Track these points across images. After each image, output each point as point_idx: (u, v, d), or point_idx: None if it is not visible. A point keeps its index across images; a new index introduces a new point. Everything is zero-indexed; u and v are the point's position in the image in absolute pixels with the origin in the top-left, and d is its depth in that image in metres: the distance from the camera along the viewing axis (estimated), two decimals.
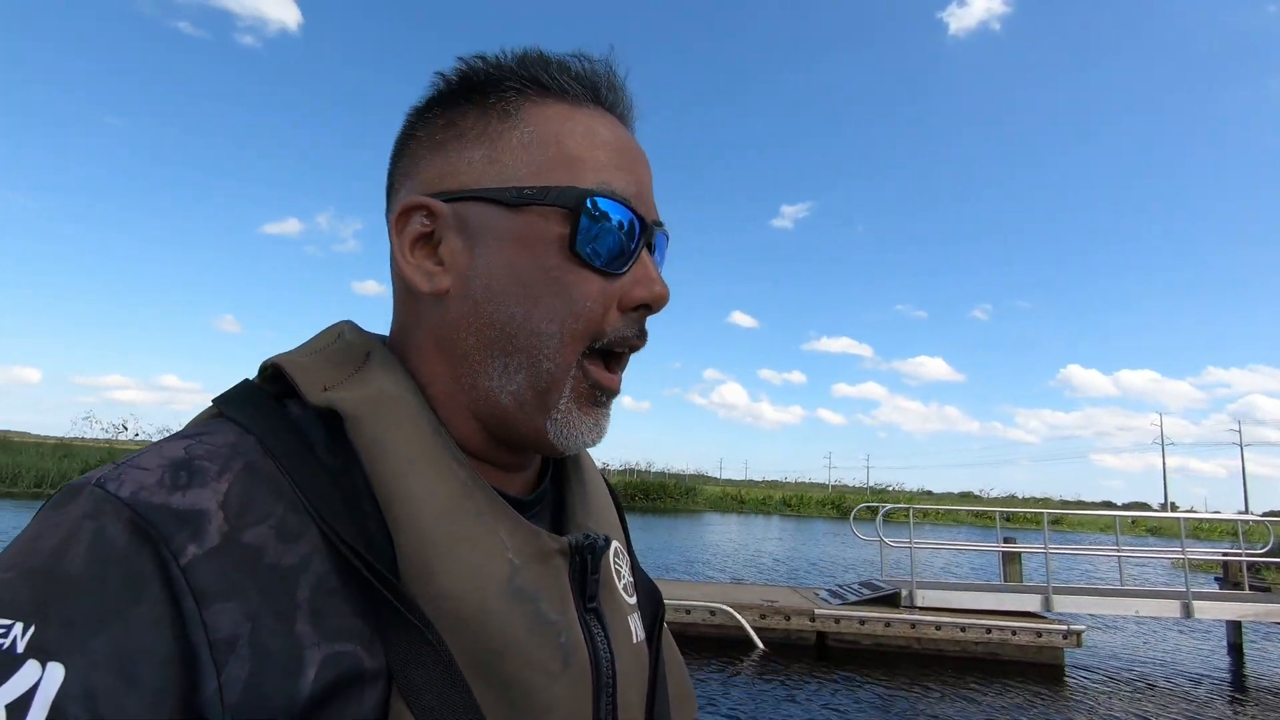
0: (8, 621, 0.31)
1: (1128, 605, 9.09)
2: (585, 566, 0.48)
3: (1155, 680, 8.82)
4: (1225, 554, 12.48)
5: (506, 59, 0.49)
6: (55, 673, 0.30)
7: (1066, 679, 8.27)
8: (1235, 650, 10.33)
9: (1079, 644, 8.56)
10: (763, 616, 8.76)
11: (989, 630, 8.49)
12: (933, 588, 9.40)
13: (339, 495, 0.41)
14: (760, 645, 8.41)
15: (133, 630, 0.32)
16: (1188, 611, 8.95)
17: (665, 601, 0.62)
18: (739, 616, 8.62)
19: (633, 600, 0.54)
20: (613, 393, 0.49)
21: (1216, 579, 13.19)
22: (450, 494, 0.43)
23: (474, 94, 0.49)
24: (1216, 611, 9.51)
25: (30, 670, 0.30)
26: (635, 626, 0.52)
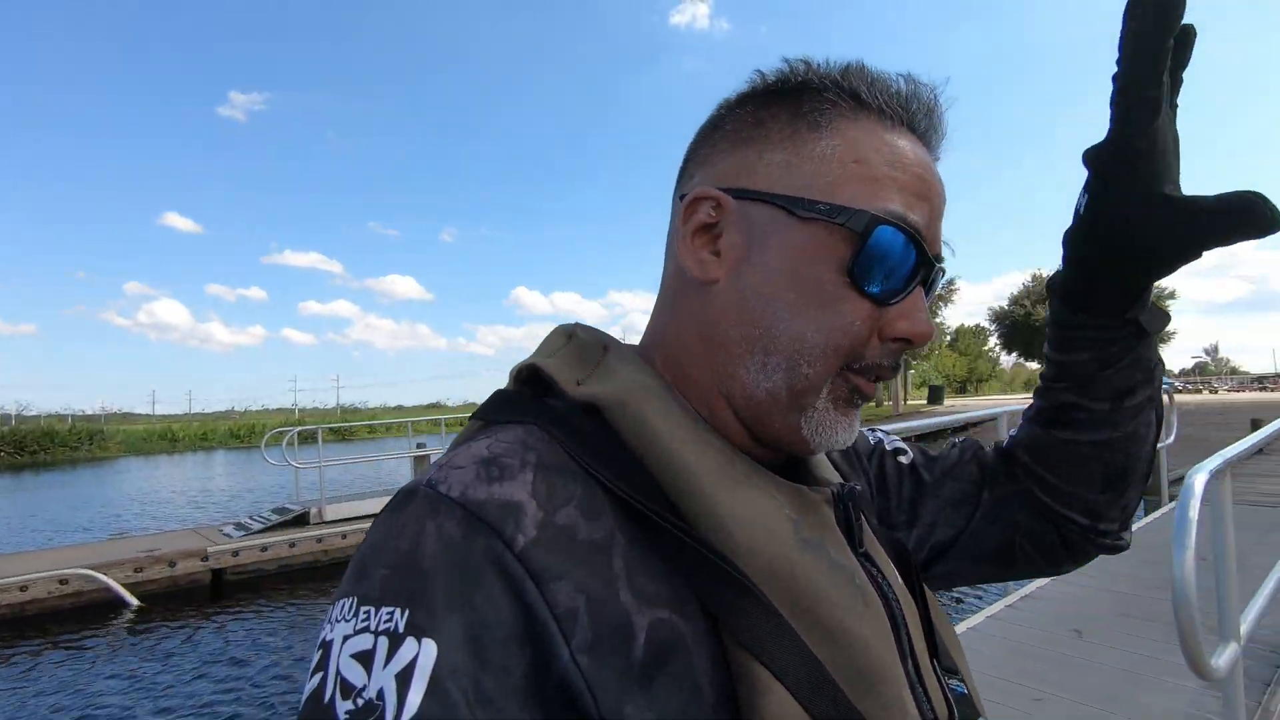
0: (391, 608, 0.36)
1: None
2: (849, 514, 0.51)
3: None
4: None
5: (830, 68, 0.49)
6: (429, 648, 0.35)
7: None
8: None
9: None
10: (138, 570, 7.72)
11: None
12: (341, 501, 9.83)
13: (627, 474, 0.44)
14: (134, 603, 7.41)
15: (479, 612, 0.36)
16: None
17: None
18: (102, 577, 7.39)
19: (885, 535, 0.58)
20: (867, 397, 0.50)
21: None
22: (718, 462, 0.46)
23: (789, 97, 0.49)
24: None
25: (410, 646, 0.35)
26: (893, 573, 0.54)
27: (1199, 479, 1.91)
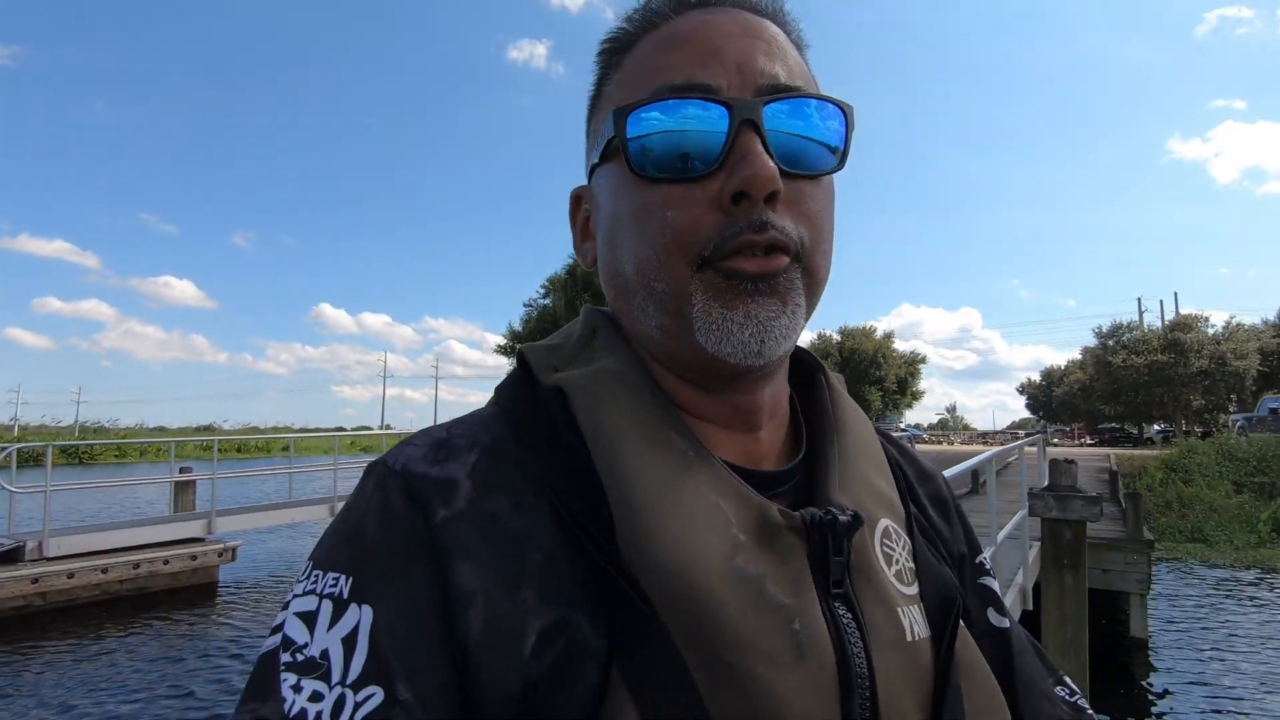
0: (336, 575, 0.39)
1: (286, 515, 10.29)
2: (830, 547, 0.42)
3: (301, 571, 10.29)
4: (364, 461, 15.61)
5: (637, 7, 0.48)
6: (368, 613, 0.37)
7: (219, 596, 8.74)
8: None
9: (233, 558, 9.18)
10: None
11: (136, 566, 8.10)
12: (73, 533, 8.31)
13: (571, 470, 0.42)
14: None
15: (412, 581, 0.38)
16: (333, 512, 10.73)
17: None
18: None
19: (910, 590, 0.45)
20: (754, 276, 0.41)
21: None
22: (668, 466, 0.42)
23: (607, 57, 0.49)
24: None
25: (353, 611, 0.37)
26: (911, 621, 0.43)
27: None
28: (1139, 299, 48.54)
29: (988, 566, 0.57)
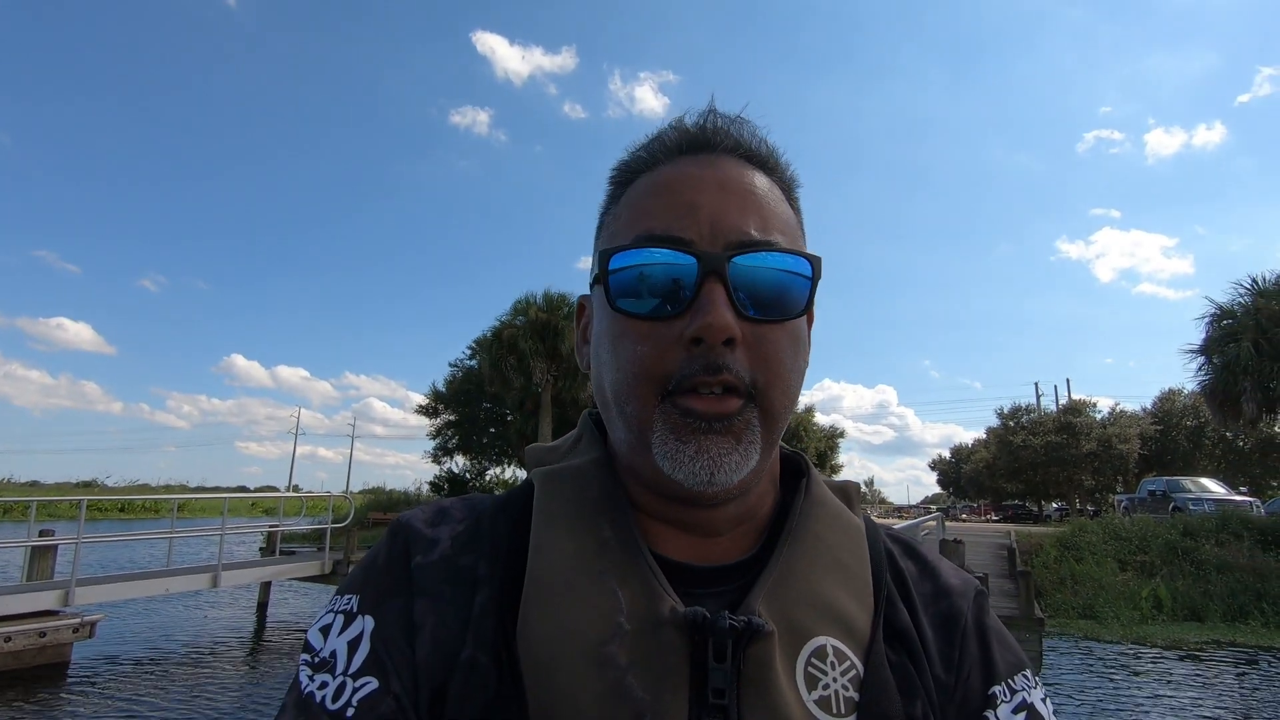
0: (350, 595, 0.49)
1: (160, 585, 9.35)
2: (714, 649, 0.43)
3: (174, 651, 9.30)
4: (258, 527, 14.61)
5: (645, 141, 0.55)
6: (370, 622, 0.47)
7: (70, 676, 7.77)
8: (261, 608, 12.11)
9: (91, 634, 8.22)
10: None
11: None
12: None
13: (514, 546, 0.49)
14: None
15: (399, 604, 0.47)
16: (216, 582, 9.90)
17: None
18: None
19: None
20: (708, 416, 0.45)
21: (261, 549, 15.34)
22: (581, 550, 0.47)
23: (614, 187, 0.55)
24: (243, 578, 10.93)
25: (359, 621, 0.47)
26: None
27: None
28: (1036, 384, 52.32)
29: (1009, 698, 0.49)
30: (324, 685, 0.44)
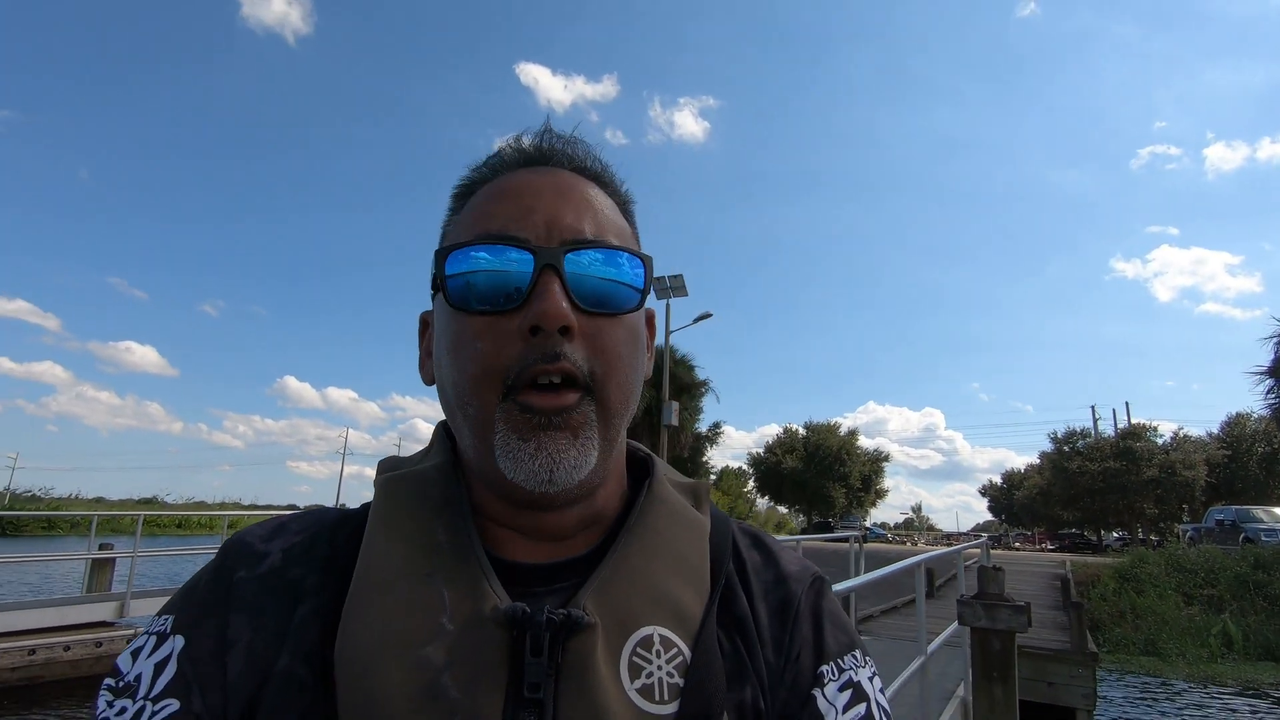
0: (166, 616, 0.49)
1: None
2: (531, 645, 0.43)
3: None
4: None
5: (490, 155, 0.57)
6: (180, 641, 0.47)
7: None
8: None
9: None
10: None
11: (32, 652, 7.47)
12: None
13: (346, 553, 0.50)
14: None
15: (215, 622, 0.47)
16: None
17: None
18: None
19: (660, 709, 0.43)
20: (546, 411, 0.46)
21: None
22: (410, 554, 0.47)
23: (454, 201, 0.56)
24: None
25: (170, 642, 0.47)
26: None
27: None
28: (1093, 407, 50.29)
29: (836, 677, 0.50)
30: (122, 711, 0.44)
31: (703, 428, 31.81)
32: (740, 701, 0.47)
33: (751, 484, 54.60)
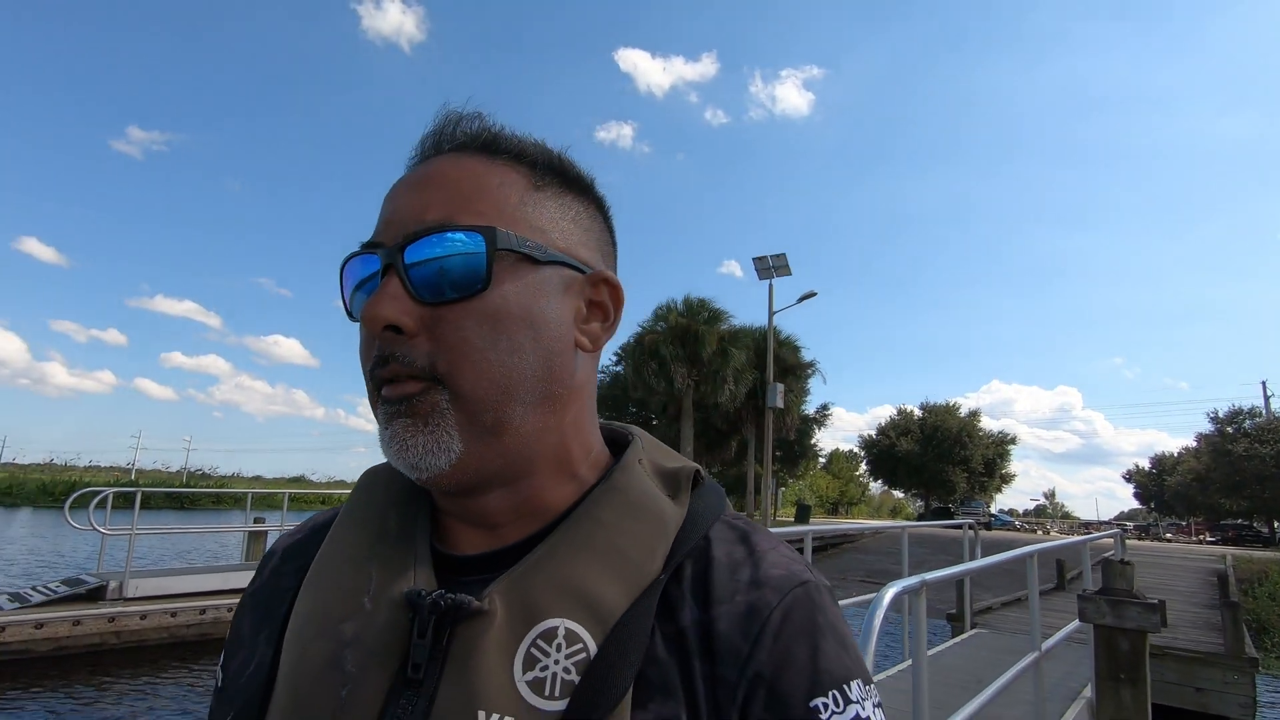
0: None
1: None
2: (428, 629, 0.43)
3: None
4: None
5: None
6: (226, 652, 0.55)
7: None
8: None
9: None
10: None
11: (203, 612, 8.49)
12: (151, 576, 8.85)
13: (314, 543, 0.54)
14: None
15: (242, 623, 0.55)
16: None
17: None
18: None
19: (546, 705, 0.40)
20: (392, 399, 0.46)
21: None
22: (359, 540, 0.50)
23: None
24: None
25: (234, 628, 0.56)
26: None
27: (889, 594, 2.21)
28: (1263, 383, 44.20)
29: (840, 710, 0.42)
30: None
31: (810, 409, 31.01)
32: (659, 716, 0.41)
33: (864, 467, 52.70)
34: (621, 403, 31.98)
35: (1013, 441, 47.16)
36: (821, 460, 49.14)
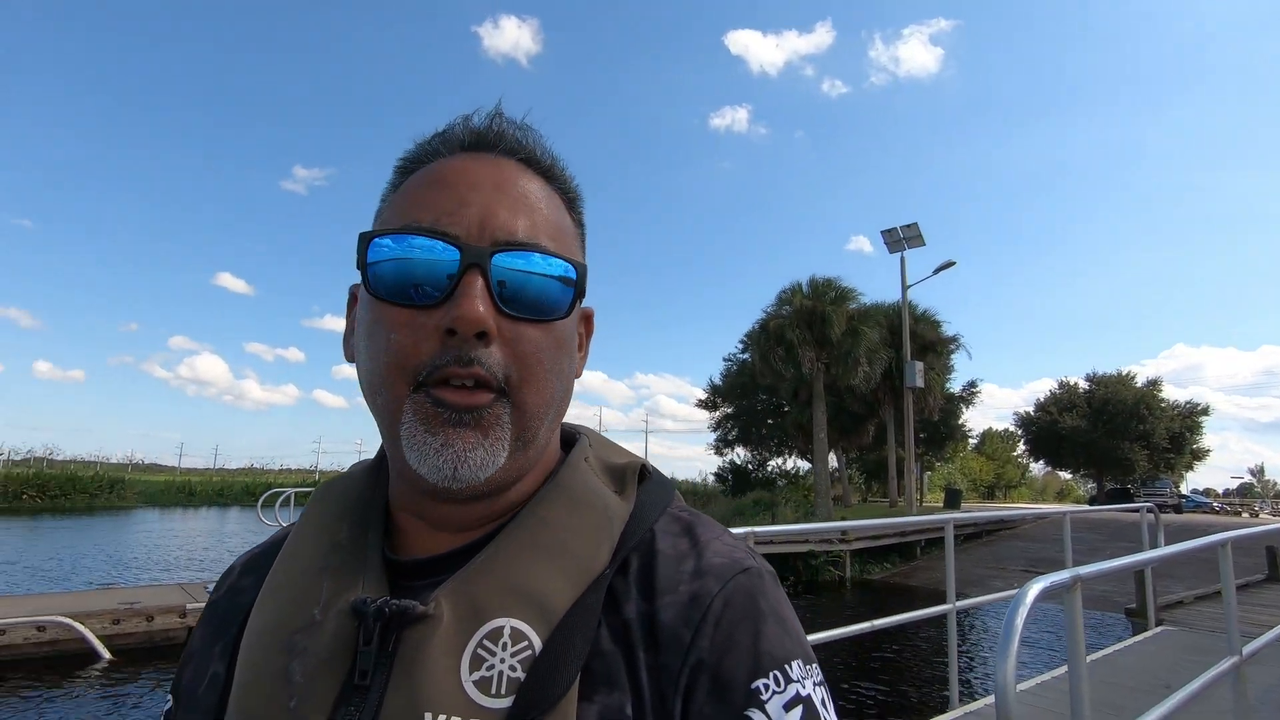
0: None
1: None
2: (372, 636, 0.43)
3: None
4: None
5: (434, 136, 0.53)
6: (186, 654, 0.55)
7: None
8: None
9: None
10: (116, 622, 7.83)
11: None
12: None
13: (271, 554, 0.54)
14: (106, 655, 7.47)
15: (197, 636, 0.54)
16: None
17: None
18: (79, 627, 7.49)
19: (492, 702, 0.41)
20: (458, 408, 0.44)
21: None
22: (311, 553, 0.50)
23: (396, 175, 0.54)
24: None
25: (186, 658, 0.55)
26: None
27: (1032, 591, 1.97)
28: None
29: (781, 689, 0.42)
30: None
31: (955, 387, 28.99)
32: (605, 707, 0.42)
33: (1021, 447, 48.43)
34: (750, 390, 31.60)
35: (1204, 412, 41.28)
36: (972, 441, 45.75)
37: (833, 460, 32.40)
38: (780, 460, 35.41)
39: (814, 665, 0.46)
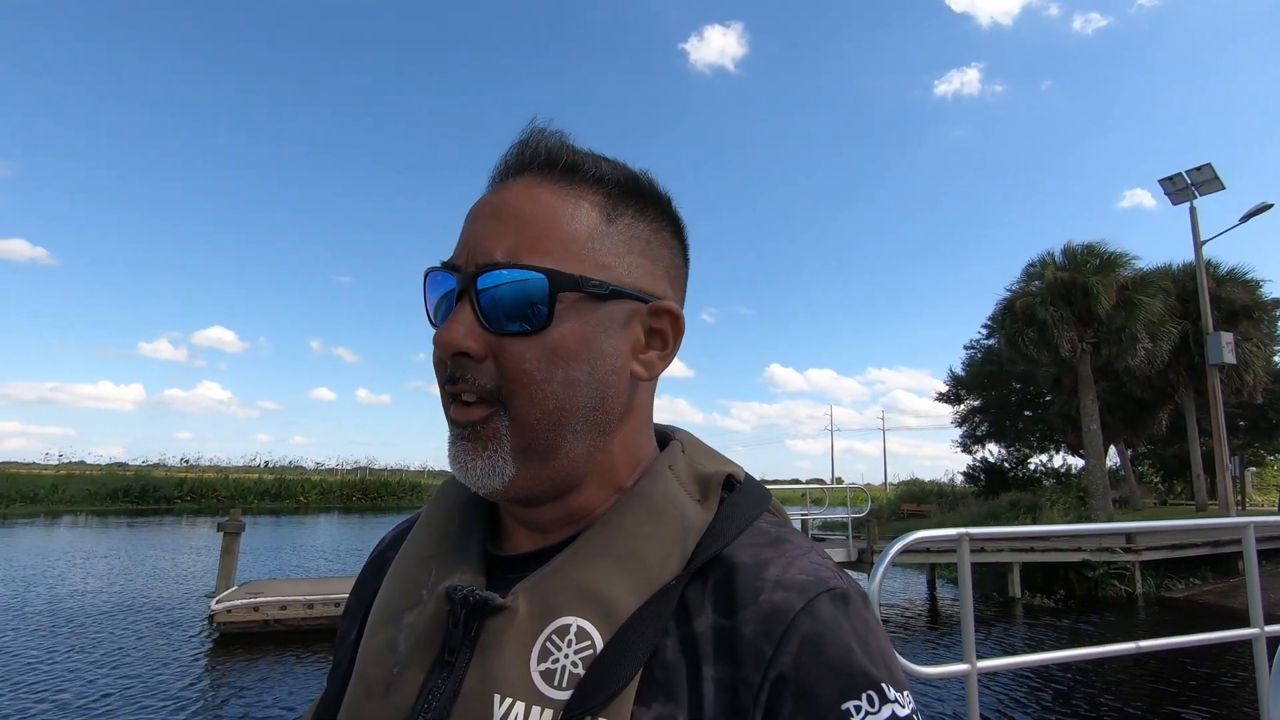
0: None
1: None
2: (464, 620, 0.49)
3: None
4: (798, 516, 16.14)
5: None
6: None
7: None
8: None
9: None
10: (310, 607, 9.62)
11: None
12: None
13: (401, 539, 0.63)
14: None
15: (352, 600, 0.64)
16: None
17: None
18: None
19: (555, 694, 0.45)
20: (458, 423, 0.50)
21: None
22: (428, 540, 0.58)
23: None
24: None
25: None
26: (517, 714, 0.44)
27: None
28: None
29: (875, 710, 0.42)
30: None
31: None
32: (659, 716, 0.44)
33: None
34: (999, 379, 28.03)
35: None
36: None
37: (1114, 456, 27.66)
38: (1045, 457, 30.95)
39: (906, 692, 0.45)
